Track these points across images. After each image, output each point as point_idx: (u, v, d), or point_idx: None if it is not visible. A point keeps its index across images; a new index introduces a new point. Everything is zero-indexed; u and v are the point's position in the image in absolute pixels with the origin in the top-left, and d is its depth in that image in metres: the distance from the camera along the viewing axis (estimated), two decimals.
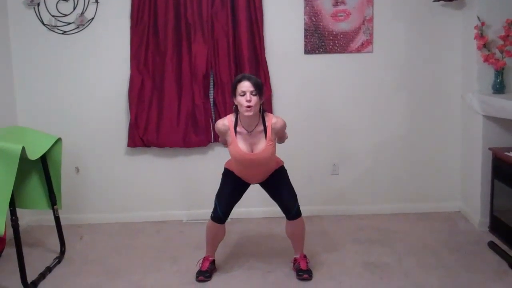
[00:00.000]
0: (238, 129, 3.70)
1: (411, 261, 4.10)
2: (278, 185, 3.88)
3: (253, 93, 3.56)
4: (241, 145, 3.68)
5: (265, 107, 3.82)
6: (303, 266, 3.90)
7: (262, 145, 3.68)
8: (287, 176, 3.93)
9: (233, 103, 3.70)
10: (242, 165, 3.77)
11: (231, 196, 3.89)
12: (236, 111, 3.70)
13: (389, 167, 5.14)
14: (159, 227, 5.00)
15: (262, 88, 3.67)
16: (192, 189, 5.05)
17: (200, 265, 3.96)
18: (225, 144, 3.83)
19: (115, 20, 4.89)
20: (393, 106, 5.05)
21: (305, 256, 3.97)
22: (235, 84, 3.64)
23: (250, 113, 3.58)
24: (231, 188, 3.89)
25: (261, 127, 3.69)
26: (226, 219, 3.88)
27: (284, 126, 3.76)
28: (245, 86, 3.57)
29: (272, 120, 3.71)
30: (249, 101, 3.54)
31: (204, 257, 3.99)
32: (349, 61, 4.99)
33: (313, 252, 4.24)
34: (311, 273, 3.88)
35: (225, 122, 3.73)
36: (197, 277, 3.89)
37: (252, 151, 3.69)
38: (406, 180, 5.15)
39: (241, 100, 3.57)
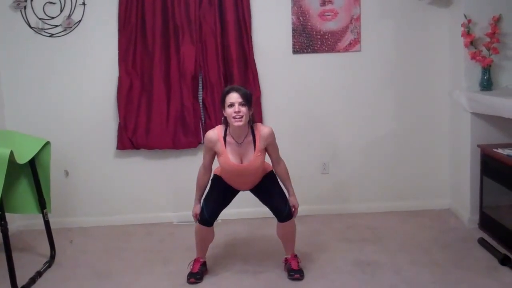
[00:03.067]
0: (227, 139, 3.71)
1: (402, 258, 4.11)
2: (268, 190, 3.89)
3: (242, 104, 3.58)
4: (230, 156, 3.70)
5: (255, 119, 3.84)
6: (294, 266, 3.90)
7: (251, 155, 3.71)
8: (276, 180, 3.95)
9: (222, 115, 3.72)
10: (232, 174, 3.80)
11: (219, 201, 3.88)
12: (226, 123, 3.72)
13: (378, 165, 5.15)
14: (149, 229, 4.98)
15: (251, 99, 3.69)
16: (182, 191, 5.03)
17: (191, 267, 3.95)
18: (207, 158, 3.85)
19: (102, 22, 4.87)
20: (381, 104, 5.07)
21: (296, 256, 3.97)
22: (224, 96, 3.66)
23: (240, 123, 3.58)
24: (220, 193, 3.89)
25: (250, 138, 3.72)
26: (213, 222, 3.87)
27: (271, 133, 3.77)
28: (234, 97, 3.59)
29: (259, 128, 3.74)
30: (238, 112, 3.56)
31: (195, 259, 3.98)
32: (337, 60, 5.00)
33: (304, 251, 4.24)
34: (303, 273, 3.88)
35: (215, 132, 3.75)
36: (188, 279, 3.88)
37: (241, 162, 3.72)
38: (396, 178, 5.17)
39: (230, 112, 3.59)
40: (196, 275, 3.89)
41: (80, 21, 4.86)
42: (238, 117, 3.57)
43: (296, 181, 4.99)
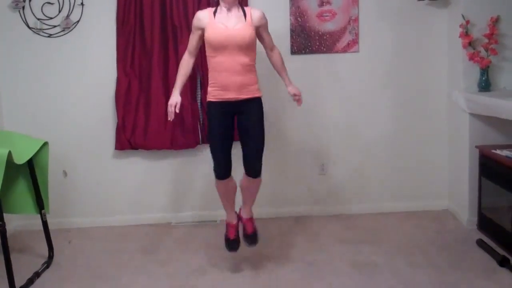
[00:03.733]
0: (217, 14, 3.68)
1: (400, 260, 4.11)
2: (253, 124, 3.76)
3: None
4: (218, 24, 3.65)
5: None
6: (249, 229, 3.89)
7: (241, 24, 3.65)
8: (263, 115, 3.82)
9: None
10: (219, 50, 3.66)
11: (221, 138, 3.74)
12: (217, 4, 3.71)
13: (376, 166, 5.15)
14: (147, 230, 4.98)
15: None
16: (181, 191, 5.03)
17: (227, 233, 3.92)
18: (193, 40, 3.78)
19: (101, 22, 4.87)
20: (380, 105, 5.07)
21: (251, 218, 3.94)
22: None
23: None
24: (218, 124, 3.75)
25: (241, 13, 3.70)
26: (229, 173, 3.79)
27: (263, 16, 3.74)
28: None
29: (250, 9, 3.74)
30: None
31: (227, 224, 3.94)
32: (336, 61, 5.01)
33: (302, 252, 4.24)
34: (257, 237, 3.87)
35: (205, 10, 3.74)
36: (229, 248, 3.90)
37: (230, 29, 3.64)
38: (394, 179, 5.17)
39: None
40: (234, 244, 3.92)
41: (78, 21, 4.86)
42: None
43: (293, 182, 5.03)
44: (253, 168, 3.77)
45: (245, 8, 3.75)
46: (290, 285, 3.81)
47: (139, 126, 4.92)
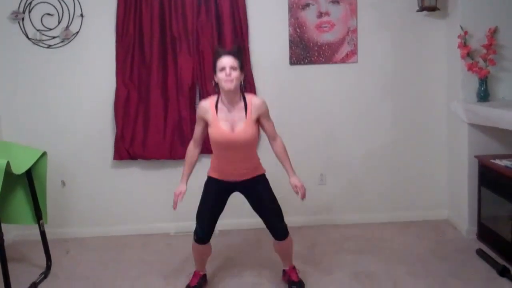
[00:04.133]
0: (219, 106, 3.62)
1: (400, 270, 4.10)
2: (262, 199, 3.77)
3: (233, 68, 3.50)
4: (222, 124, 3.59)
5: (247, 86, 3.72)
6: (294, 278, 3.87)
7: (242, 124, 3.59)
8: (270, 189, 3.82)
9: (214, 81, 3.62)
10: (222, 149, 3.66)
11: (212, 211, 3.76)
12: (218, 92, 3.64)
13: (376, 176, 5.15)
14: (146, 240, 4.96)
15: (242, 56, 3.63)
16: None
17: (189, 280, 3.92)
18: (198, 130, 3.75)
19: (100, 33, 4.89)
20: (379, 115, 5.08)
21: (294, 268, 3.95)
22: (215, 60, 3.56)
23: (231, 86, 3.49)
24: (212, 199, 3.76)
25: (242, 104, 3.62)
26: (209, 238, 3.79)
27: (263, 102, 3.67)
28: (224, 61, 3.50)
29: (251, 97, 3.67)
30: (229, 75, 3.48)
31: (194, 272, 3.94)
32: (334, 72, 5.02)
33: (301, 262, 4.22)
34: (304, 285, 3.85)
35: (208, 100, 3.68)
36: None
37: (233, 132, 3.59)
38: (394, 189, 5.16)
39: (221, 76, 3.50)
40: None
41: (78, 32, 4.88)
42: (228, 80, 3.48)
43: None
44: (277, 233, 3.77)
45: (246, 98, 3.65)
46: None
47: (138, 137, 4.92)
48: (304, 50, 4.97)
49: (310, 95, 5.04)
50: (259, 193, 3.77)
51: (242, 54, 3.63)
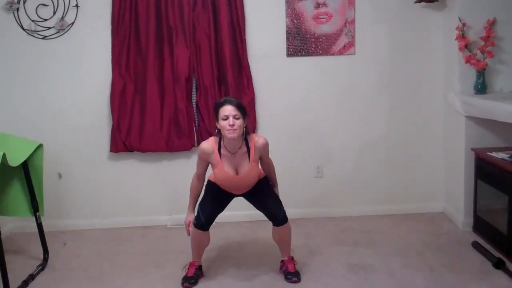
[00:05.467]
0: (222, 151, 3.71)
1: (396, 262, 4.11)
2: (262, 195, 3.90)
3: (236, 117, 3.56)
4: (226, 167, 3.70)
5: (249, 130, 3.82)
6: (291, 268, 3.90)
7: (246, 166, 3.71)
8: (270, 185, 3.99)
9: (215, 127, 3.70)
10: (227, 184, 3.80)
11: (215, 206, 3.88)
12: (219, 135, 3.70)
13: (372, 168, 5.15)
14: (143, 232, 4.96)
15: (246, 111, 3.68)
16: (176, 194, 5.02)
17: (186, 271, 3.94)
18: (200, 168, 3.86)
19: (96, 24, 4.85)
20: (376, 107, 5.07)
21: (292, 259, 3.97)
22: (217, 108, 3.64)
23: (235, 135, 3.58)
24: (215, 198, 3.88)
25: (245, 149, 3.71)
26: (209, 226, 3.86)
27: (266, 144, 3.78)
28: (228, 110, 3.57)
29: (254, 139, 3.74)
30: (232, 125, 3.55)
31: (190, 263, 3.97)
32: (332, 64, 5.00)
33: (298, 255, 4.22)
34: (299, 276, 3.88)
35: (210, 144, 3.73)
36: (182, 283, 3.86)
37: (236, 173, 3.73)
38: (390, 182, 5.17)
39: (224, 124, 3.57)
40: (191, 279, 3.87)
41: (73, 23, 4.84)
42: (232, 130, 3.56)
43: (289, 184, 5.02)
44: (276, 218, 3.84)
45: (249, 140, 3.74)
46: (286, 286, 3.81)
47: (134, 128, 4.91)
48: (301, 42, 4.95)
49: (308, 87, 5.03)
50: (259, 190, 3.90)
51: (245, 111, 3.68)
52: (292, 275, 3.87)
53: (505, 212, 4.08)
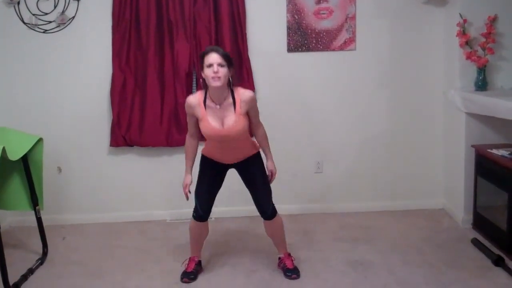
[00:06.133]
0: (207, 103, 3.62)
1: (395, 258, 4.11)
2: (255, 177, 3.82)
3: (221, 65, 3.49)
4: (211, 120, 3.60)
5: (235, 81, 3.70)
6: (289, 265, 3.90)
7: (231, 118, 3.59)
8: (263, 166, 3.87)
9: (201, 77, 3.62)
10: (215, 141, 3.70)
11: (210, 189, 3.81)
12: (205, 87, 3.63)
13: (372, 164, 5.15)
14: (142, 227, 4.96)
15: (231, 60, 3.61)
16: (176, 189, 4.97)
17: (185, 266, 3.94)
18: (190, 125, 3.78)
19: (96, 18, 4.84)
20: (376, 103, 5.06)
21: (289, 255, 3.97)
22: (202, 57, 3.56)
23: (218, 83, 3.48)
24: (209, 178, 3.81)
25: (230, 100, 3.60)
26: (208, 216, 3.85)
27: (252, 97, 3.66)
28: (212, 57, 3.50)
29: (240, 91, 3.64)
30: (216, 72, 3.47)
31: (190, 258, 3.97)
32: (332, 59, 4.99)
33: (297, 250, 4.23)
34: (299, 272, 3.88)
35: (196, 97, 3.67)
36: (181, 278, 3.86)
37: (222, 127, 3.61)
38: (390, 178, 5.16)
39: (208, 72, 3.49)
40: (190, 275, 3.87)
41: (73, 17, 4.83)
42: (216, 77, 3.48)
43: (289, 179, 5.03)
44: (265, 212, 3.83)
45: (235, 92, 3.63)
46: (285, 282, 3.81)
47: (134, 123, 4.91)
48: (302, 37, 4.94)
49: (308, 83, 5.02)
50: (252, 174, 3.82)
51: (231, 61, 3.60)
52: (291, 271, 3.86)
53: (505, 209, 4.08)
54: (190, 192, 3.83)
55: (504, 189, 4.10)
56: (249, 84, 4.86)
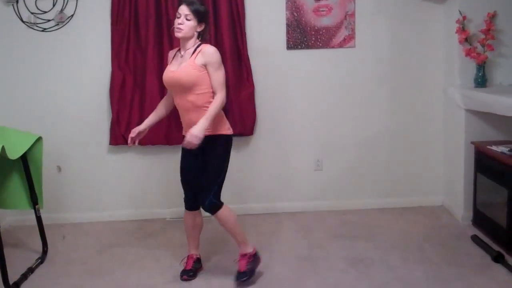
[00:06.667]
0: (177, 53, 3.69)
1: (395, 255, 4.11)
2: (207, 165, 3.66)
3: (188, 18, 3.53)
4: (170, 66, 3.68)
5: (205, 37, 3.69)
6: (241, 267, 3.75)
7: (184, 64, 3.59)
8: (222, 159, 3.68)
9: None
10: (172, 92, 3.74)
11: (186, 173, 3.80)
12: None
13: (372, 162, 5.15)
14: (142, 225, 4.97)
15: (204, 16, 3.61)
16: (175, 187, 4.95)
17: (184, 264, 3.93)
18: None
19: (95, 16, 4.84)
20: (375, 101, 5.06)
21: (245, 255, 3.78)
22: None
23: (179, 34, 3.55)
24: (183, 160, 3.83)
25: (192, 50, 3.61)
26: (196, 205, 3.79)
27: (211, 51, 3.57)
28: (181, 9, 3.55)
29: (204, 45, 3.62)
30: (181, 23, 3.52)
31: (188, 256, 3.96)
32: (332, 57, 4.99)
33: (297, 248, 4.23)
34: (248, 277, 3.70)
35: (174, 49, 3.76)
36: (181, 276, 3.86)
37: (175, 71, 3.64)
38: (389, 175, 5.16)
39: (175, 22, 3.57)
40: (189, 272, 3.86)
41: (72, 15, 4.83)
42: (178, 28, 3.53)
43: (289, 177, 5.02)
44: (203, 204, 3.70)
45: (201, 46, 3.61)
46: (285, 280, 3.81)
47: (133, 121, 4.88)
48: (301, 35, 4.94)
49: (307, 80, 5.02)
50: (208, 158, 3.67)
51: (203, 16, 3.61)
52: (240, 275, 3.72)
53: (505, 206, 4.08)
54: (134, 142, 3.84)
55: (504, 185, 4.10)
56: (248, 81, 4.87)
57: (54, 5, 4.80)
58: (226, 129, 3.71)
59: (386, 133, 5.10)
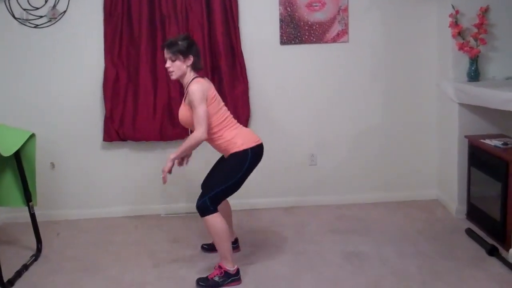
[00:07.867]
0: None
1: (390, 249, 4.12)
2: (214, 168, 3.90)
3: (172, 59, 3.59)
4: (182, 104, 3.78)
5: (197, 67, 3.68)
6: (210, 274, 3.71)
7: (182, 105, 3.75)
8: (231, 167, 3.66)
9: None
10: None
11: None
12: None
13: (366, 156, 5.15)
14: (137, 221, 4.96)
15: (188, 49, 3.60)
16: (170, 183, 4.97)
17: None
18: None
19: (88, 12, 4.81)
20: (369, 95, 5.06)
21: (219, 267, 3.69)
22: None
23: (172, 77, 3.65)
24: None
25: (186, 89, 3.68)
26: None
27: (192, 90, 3.53)
28: (165, 53, 3.63)
29: (191, 84, 3.60)
30: (169, 67, 3.62)
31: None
32: (325, 51, 4.99)
33: (292, 243, 4.24)
34: (209, 284, 3.65)
35: None
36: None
37: None
38: (384, 169, 5.17)
39: (165, 66, 3.68)
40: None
41: (65, 11, 4.80)
42: (169, 73, 3.65)
43: (283, 172, 5.03)
44: (197, 201, 3.66)
45: (191, 83, 3.61)
46: (280, 275, 3.81)
47: (127, 117, 4.89)
48: (294, 30, 4.93)
49: (301, 75, 5.01)
50: (222, 166, 3.78)
51: (187, 49, 3.60)
52: (202, 279, 3.69)
53: (498, 199, 4.10)
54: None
55: (497, 179, 4.11)
56: (242, 77, 4.86)
57: (46, 1, 4.77)
58: (238, 147, 3.65)
59: (380, 127, 5.11)
